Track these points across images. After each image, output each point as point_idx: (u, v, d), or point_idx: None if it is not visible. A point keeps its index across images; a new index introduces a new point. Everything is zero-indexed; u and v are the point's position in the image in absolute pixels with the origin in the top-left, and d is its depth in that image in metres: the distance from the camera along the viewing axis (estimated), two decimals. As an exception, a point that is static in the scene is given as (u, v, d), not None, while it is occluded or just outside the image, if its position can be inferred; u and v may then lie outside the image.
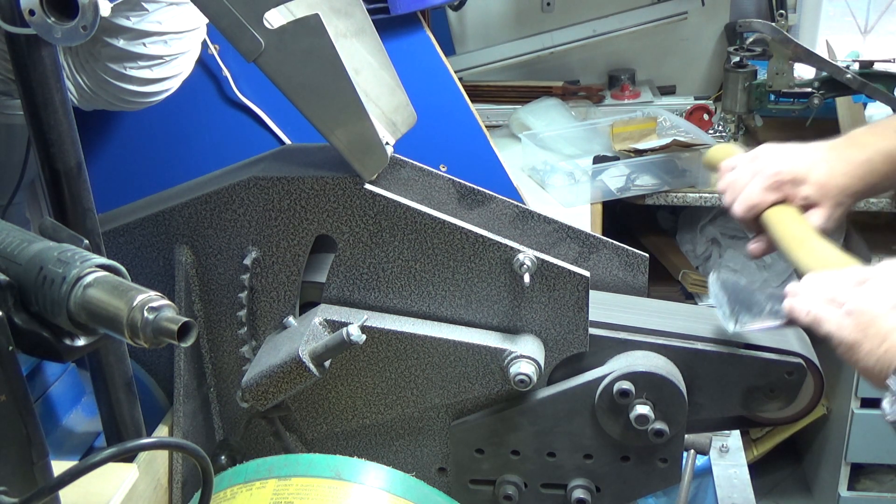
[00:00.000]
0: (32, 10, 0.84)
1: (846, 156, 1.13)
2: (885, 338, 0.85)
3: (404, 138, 1.18)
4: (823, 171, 1.11)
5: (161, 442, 1.04)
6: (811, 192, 1.11)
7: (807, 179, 1.11)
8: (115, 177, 1.62)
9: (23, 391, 0.70)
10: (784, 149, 1.15)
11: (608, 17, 2.76)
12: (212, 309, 1.12)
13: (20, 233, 0.73)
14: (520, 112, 2.58)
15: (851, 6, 2.83)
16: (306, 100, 0.99)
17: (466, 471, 1.13)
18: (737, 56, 2.30)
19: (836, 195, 1.11)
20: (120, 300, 0.66)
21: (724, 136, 2.43)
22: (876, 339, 0.85)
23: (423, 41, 1.71)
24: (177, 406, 1.10)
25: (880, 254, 2.26)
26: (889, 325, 0.85)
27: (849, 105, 2.33)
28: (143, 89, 1.23)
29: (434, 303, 1.08)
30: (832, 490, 2.60)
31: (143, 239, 1.12)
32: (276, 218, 1.07)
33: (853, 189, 1.12)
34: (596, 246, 1.21)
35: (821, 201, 1.11)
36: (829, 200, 1.11)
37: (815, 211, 1.11)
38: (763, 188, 1.12)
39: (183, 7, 1.17)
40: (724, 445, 1.62)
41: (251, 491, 0.94)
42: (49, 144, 0.92)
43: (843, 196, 1.12)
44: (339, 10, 1.11)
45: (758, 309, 1.02)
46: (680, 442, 1.09)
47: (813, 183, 1.11)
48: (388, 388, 1.11)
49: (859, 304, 0.88)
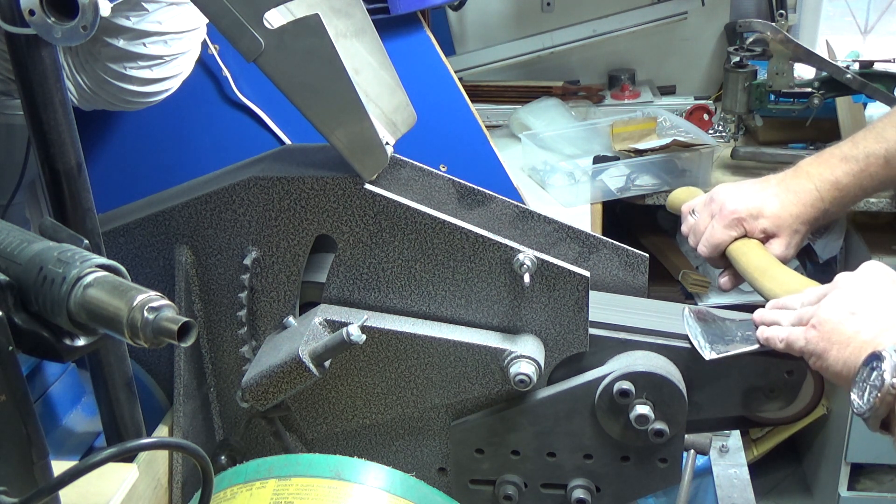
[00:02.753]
0: (32, 10, 0.84)
1: (794, 187, 1.24)
2: (848, 342, 0.92)
3: (404, 138, 1.18)
4: (776, 204, 1.23)
5: (161, 442, 1.04)
6: (767, 225, 1.22)
7: (762, 213, 1.22)
8: (115, 177, 1.62)
9: (23, 391, 0.70)
10: (737, 187, 1.26)
11: (608, 17, 2.76)
12: (212, 309, 1.12)
13: (20, 233, 0.73)
14: (520, 112, 2.58)
15: (851, 6, 2.84)
16: (306, 100, 0.99)
17: (466, 471, 1.13)
18: (737, 56, 2.30)
19: (791, 223, 1.22)
20: (120, 300, 0.66)
21: (724, 135, 2.43)
22: (840, 344, 0.92)
23: (423, 41, 1.71)
24: (177, 406, 1.10)
25: (880, 254, 2.25)
26: (851, 329, 0.92)
27: (849, 105, 2.33)
28: (143, 89, 1.23)
29: (434, 303, 1.08)
30: (832, 490, 2.60)
31: (143, 239, 1.12)
32: (276, 218, 1.07)
33: (806, 217, 1.23)
34: (596, 246, 1.21)
35: (778, 231, 1.22)
36: (785, 230, 1.22)
37: (774, 241, 1.23)
38: (723, 227, 1.23)
39: (183, 7, 1.17)
40: (724, 445, 1.62)
41: (251, 491, 0.94)
42: (49, 144, 0.92)
43: (798, 224, 1.23)
44: (339, 10, 1.11)
45: (730, 337, 1.08)
46: (680, 442, 1.10)
47: (768, 216, 1.22)
48: (388, 388, 1.11)
49: (821, 316, 0.96)
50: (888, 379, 0.83)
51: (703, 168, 2.27)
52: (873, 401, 0.85)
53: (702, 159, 2.27)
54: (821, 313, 0.96)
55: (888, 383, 0.83)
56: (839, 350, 0.92)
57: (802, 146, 2.40)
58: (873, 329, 0.91)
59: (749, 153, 2.36)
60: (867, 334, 0.91)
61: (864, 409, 0.86)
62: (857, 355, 0.90)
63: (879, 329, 0.90)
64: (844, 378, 0.92)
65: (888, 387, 0.83)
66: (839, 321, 0.94)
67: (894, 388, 0.83)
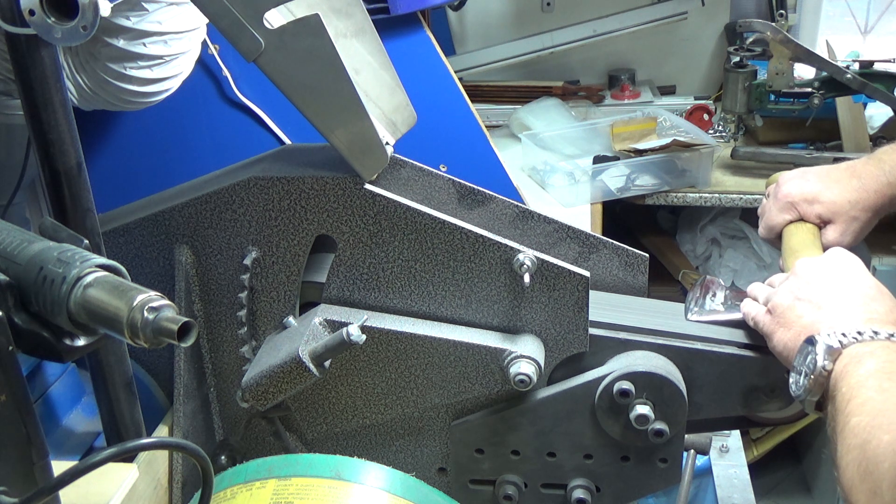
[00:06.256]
0: (32, 10, 0.84)
1: (861, 172, 1.23)
2: (790, 325, 0.97)
3: (404, 138, 1.18)
4: (835, 190, 1.22)
5: (161, 442, 1.04)
6: (822, 210, 1.22)
7: (817, 199, 1.22)
8: (115, 177, 1.63)
9: (23, 391, 0.70)
10: (802, 172, 1.27)
11: (608, 17, 2.76)
12: (212, 309, 1.12)
13: (20, 233, 0.73)
14: (520, 112, 2.58)
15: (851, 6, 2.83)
16: (306, 100, 0.99)
17: (466, 471, 1.13)
18: (737, 56, 2.30)
19: (848, 210, 1.22)
20: (120, 300, 0.66)
21: (724, 135, 2.43)
22: (785, 327, 0.98)
23: (423, 41, 1.71)
24: (177, 406, 1.10)
25: (880, 254, 2.25)
26: (794, 314, 0.97)
27: (849, 105, 2.33)
28: (143, 89, 1.23)
29: (434, 303, 1.08)
30: (832, 490, 2.59)
31: (143, 239, 1.12)
32: (276, 218, 1.07)
33: (867, 203, 1.22)
34: (596, 246, 1.21)
35: (833, 217, 1.22)
36: (841, 216, 1.22)
37: (830, 227, 1.23)
38: (777, 210, 1.25)
39: (183, 7, 1.17)
40: (724, 445, 1.62)
41: (251, 491, 0.94)
42: (49, 144, 0.92)
43: (857, 210, 1.22)
44: (339, 10, 1.11)
45: (721, 306, 1.14)
46: (680, 442, 1.09)
47: (823, 202, 1.22)
48: (388, 388, 1.11)
49: (774, 300, 1.02)
50: (819, 362, 0.87)
51: (703, 168, 2.27)
52: (807, 383, 0.88)
53: (702, 159, 2.27)
54: (774, 297, 1.02)
55: (819, 366, 0.87)
56: (783, 333, 0.98)
57: (802, 146, 2.40)
58: (813, 314, 0.95)
59: (749, 153, 2.36)
60: (808, 319, 0.95)
61: (800, 391, 0.90)
62: (797, 339, 0.94)
63: (819, 314, 0.95)
64: (785, 359, 0.97)
65: (819, 369, 0.87)
66: (787, 306, 0.99)
67: (825, 370, 0.86)
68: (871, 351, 0.85)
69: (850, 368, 0.85)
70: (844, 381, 0.84)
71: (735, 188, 2.29)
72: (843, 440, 0.80)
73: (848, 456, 0.79)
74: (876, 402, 0.79)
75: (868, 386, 0.81)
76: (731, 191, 2.28)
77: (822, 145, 2.36)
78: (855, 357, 0.85)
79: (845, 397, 0.83)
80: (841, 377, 0.85)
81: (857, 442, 0.78)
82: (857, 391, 0.82)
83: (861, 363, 0.84)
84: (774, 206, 1.26)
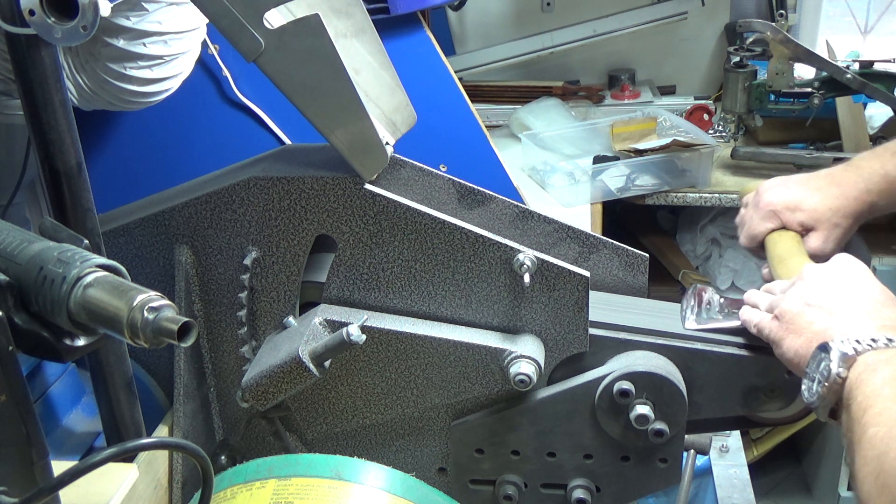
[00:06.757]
0: (32, 10, 0.84)
1: (840, 180, 1.24)
2: (801, 332, 0.95)
3: (404, 138, 1.18)
4: (816, 197, 1.23)
5: (161, 442, 1.04)
6: (804, 218, 1.22)
7: (799, 206, 1.23)
8: (115, 177, 1.63)
9: (23, 391, 0.70)
10: (783, 181, 1.27)
11: (608, 17, 2.76)
12: (212, 309, 1.12)
13: (20, 233, 0.73)
14: (520, 112, 2.58)
15: (851, 6, 2.83)
16: (306, 100, 0.99)
17: (466, 471, 1.13)
18: (737, 56, 2.30)
19: (830, 217, 1.22)
20: (120, 300, 0.66)
21: (724, 135, 2.43)
22: (795, 334, 0.96)
23: (423, 41, 1.71)
24: (177, 406, 1.10)
25: (880, 254, 2.25)
26: (805, 320, 0.96)
27: (849, 105, 2.33)
28: (143, 89, 1.23)
29: (434, 303, 1.08)
30: (832, 490, 2.59)
31: (143, 239, 1.12)
32: (276, 218, 1.07)
33: (848, 210, 1.22)
34: (596, 246, 1.21)
35: (816, 225, 1.22)
36: (823, 223, 1.22)
37: (812, 235, 1.23)
38: (759, 219, 1.25)
39: (183, 7, 1.17)
40: (724, 445, 1.62)
41: (251, 491, 0.94)
42: (49, 144, 0.92)
43: (838, 217, 1.22)
44: (339, 10, 1.11)
45: (717, 314, 1.13)
46: (680, 442, 1.09)
47: (805, 209, 1.22)
48: (388, 388, 1.11)
49: (782, 306, 1.00)
50: (834, 369, 0.85)
51: (703, 168, 2.27)
52: (821, 390, 0.87)
53: (702, 159, 2.27)
54: (782, 303, 1.00)
55: (834, 373, 0.85)
56: (793, 340, 0.96)
57: (802, 146, 2.39)
58: (825, 321, 0.94)
59: (749, 153, 2.36)
60: (819, 325, 0.94)
61: (813, 398, 0.88)
62: (809, 346, 0.93)
63: (831, 321, 0.93)
64: (797, 367, 0.95)
65: (834, 377, 0.85)
66: (797, 312, 0.97)
67: (840, 377, 0.85)
68: (887, 359, 0.84)
69: (866, 377, 0.83)
70: (860, 390, 0.83)
71: (735, 188, 2.29)
72: (860, 451, 0.79)
73: (866, 468, 0.77)
74: (893, 411, 0.78)
75: (884, 395, 0.80)
76: (731, 191, 2.28)
77: (822, 145, 2.36)
78: (870, 365, 0.84)
79: (861, 406, 0.81)
80: (856, 385, 0.83)
81: (874, 454, 0.77)
82: (873, 400, 0.81)
83: (876, 371, 0.83)
84: (756, 215, 1.26)
